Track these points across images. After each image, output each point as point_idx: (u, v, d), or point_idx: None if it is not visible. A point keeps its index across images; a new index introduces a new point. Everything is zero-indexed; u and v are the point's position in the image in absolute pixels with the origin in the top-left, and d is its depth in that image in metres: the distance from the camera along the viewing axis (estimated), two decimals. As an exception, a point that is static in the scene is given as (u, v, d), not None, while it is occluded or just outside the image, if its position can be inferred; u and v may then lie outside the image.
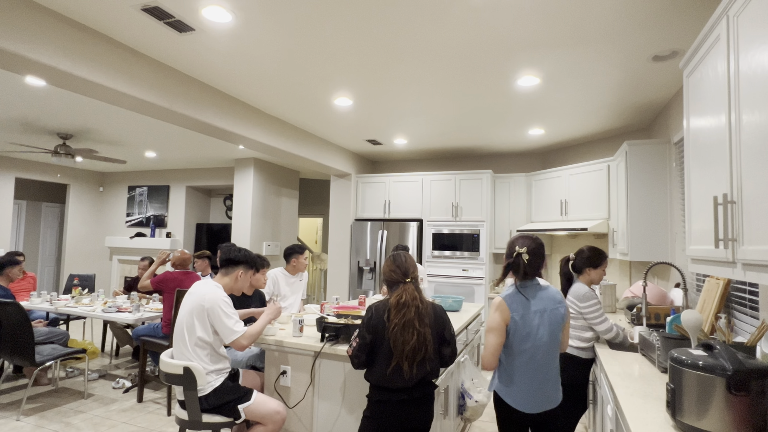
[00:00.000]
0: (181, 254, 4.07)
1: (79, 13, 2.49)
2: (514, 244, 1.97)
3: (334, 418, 2.35)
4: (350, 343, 2.02)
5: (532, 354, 1.87)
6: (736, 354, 1.35)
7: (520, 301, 1.90)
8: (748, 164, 1.32)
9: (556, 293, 1.98)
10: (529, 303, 1.89)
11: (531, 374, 1.87)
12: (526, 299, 1.90)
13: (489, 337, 1.89)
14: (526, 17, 2.39)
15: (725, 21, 1.48)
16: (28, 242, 8.32)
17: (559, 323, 1.92)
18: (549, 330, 1.89)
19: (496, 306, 1.90)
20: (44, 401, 3.79)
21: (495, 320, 1.88)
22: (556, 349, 1.93)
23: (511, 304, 1.89)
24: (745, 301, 2.24)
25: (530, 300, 1.90)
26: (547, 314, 1.90)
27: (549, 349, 1.89)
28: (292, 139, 4.75)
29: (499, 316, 1.88)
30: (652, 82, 3.28)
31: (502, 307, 1.88)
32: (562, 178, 4.87)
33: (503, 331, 1.88)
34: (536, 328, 1.87)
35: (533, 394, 1.87)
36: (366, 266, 5.79)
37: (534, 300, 1.91)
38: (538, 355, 1.87)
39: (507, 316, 1.87)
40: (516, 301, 1.90)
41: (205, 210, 8.37)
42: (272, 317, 2.47)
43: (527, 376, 1.87)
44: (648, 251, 3.56)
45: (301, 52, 2.90)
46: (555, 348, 1.92)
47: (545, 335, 1.88)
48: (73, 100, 4.06)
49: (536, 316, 1.88)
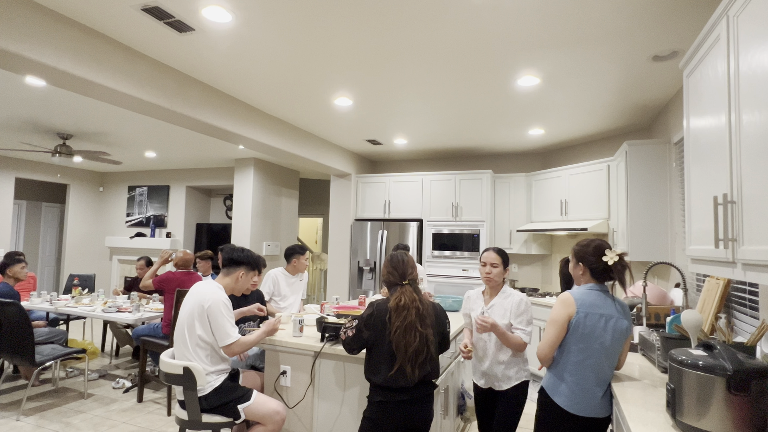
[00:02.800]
0: (184, 254, 4.08)
1: (79, 13, 2.49)
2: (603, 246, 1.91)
3: (334, 418, 2.35)
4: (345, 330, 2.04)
5: (587, 355, 1.81)
6: (736, 354, 1.35)
7: (590, 301, 1.84)
8: (748, 164, 1.31)
9: (623, 305, 1.90)
10: (596, 304, 1.83)
11: (583, 374, 1.81)
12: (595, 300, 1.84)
13: (549, 330, 1.86)
14: (526, 17, 2.39)
15: (725, 21, 1.48)
16: (28, 242, 8.31)
17: (622, 334, 1.83)
18: (611, 337, 1.81)
19: (563, 300, 1.86)
20: (44, 401, 3.79)
21: (558, 313, 1.85)
22: (614, 360, 1.84)
23: (580, 300, 1.84)
24: (745, 301, 2.24)
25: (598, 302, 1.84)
26: (612, 321, 1.82)
27: (606, 356, 1.81)
28: (292, 139, 4.75)
29: (564, 310, 1.84)
30: (652, 82, 3.28)
31: (568, 301, 1.85)
32: (562, 178, 4.87)
33: (564, 326, 1.83)
34: (597, 331, 1.80)
35: (580, 395, 1.81)
36: (366, 266, 5.79)
37: (602, 303, 1.84)
38: (592, 359, 1.81)
39: (572, 311, 1.82)
40: (585, 299, 1.84)
41: (205, 210, 8.37)
42: (268, 334, 2.46)
43: (579, 375, 1.82)
44: (648, 251, 3.55)
45: (301, 52, 2.90)
46: (612, 357, 1.83)
47: (607, 341, 1.80)
48: (73, 100, 4.06)
49: (602, 319, 1.81)
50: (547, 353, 1.87)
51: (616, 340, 1.82)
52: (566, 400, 1.82)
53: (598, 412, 1.81)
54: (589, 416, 1.81)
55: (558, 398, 1.85)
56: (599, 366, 1.81)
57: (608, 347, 1.81)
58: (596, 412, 1.81)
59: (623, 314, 1.86)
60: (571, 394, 1.82)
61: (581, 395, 1.81)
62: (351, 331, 2.03)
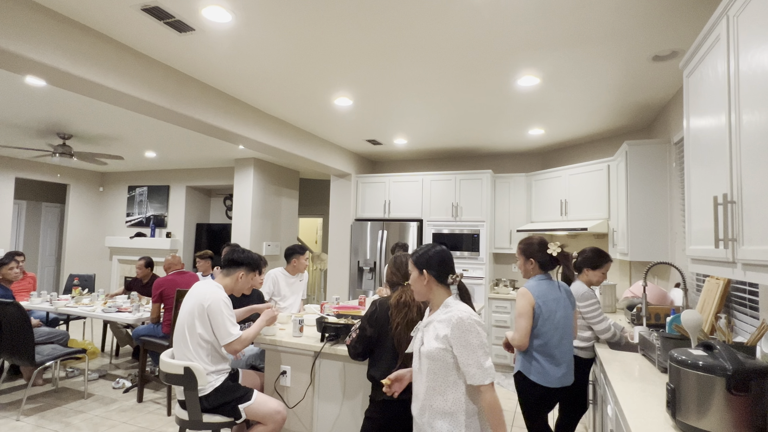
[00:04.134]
0: (173, 258, 4.28)
1: (79, 13, 2.49)
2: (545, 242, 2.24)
3: (334, 417, 2.35)
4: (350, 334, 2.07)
5: (550, 335, 2.13)
6: (736, 354, 1.35)
7: (543, 290, 2.17)
8: (748, 164, 1.32)
9: (565, 287, 2.28)
10: (548, 292, 2.17)
11: (550, 353, 2.12)
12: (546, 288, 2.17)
13: (520, 321, 2.14)
14: (526, 17, 2.39)
15: (725, 21, 1.48)
16: (28, 242, 8.31)
17: (571, 309, 2.24)
18: (564, 315, 2.17)
19: (522, 294, 2.16)
20: (44, 401, 3.79)
21: (524, 306, 2.13)
22: (570, 334, 2.21)
23: (536, 292, 2.15)
24: (745, 301, 2.24)
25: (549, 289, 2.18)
26: (562, 303, 2.19)
27: (564, 333, 2.17)
28: (292, 139, 4.75)
29: (527, 302, 2.13)
30: (652, 82, 3.28)
31: (527, 294, 2.15)
32: (562, 178, 4.87)
33: (531, 315, 2.12)
34: (553, 313, 2.14)
35: (550, 371, 2.12)
36: (366, 266, 5.79)
37: (552, 289, 2.19)
38: (555, 338, 2.13)
39: (533, 302, 2.13)
40: (539, 289, 2.16)
41: (205, 210, 8.37)
42: (267, 323, 2.46)
43: (546, 354, 2.12)
44: (648, 251, 3.56)
45: (301, 52, 2.90)
46: (569, 332, 2.20)
47: (561, 320, 2.16)
48: (73, 100, 4.06)
49: (554, 303, 2.16)
50: (524, 341, 2.13)
51: (569, 317, 2.21)
52: (540, 377, 2.12)
53: (566, 381, 2.16)
54: (560, 387, 2.14)
55: (533, 376, 2.13)
56: (560, 343, 2.15)
57: (564, 325, 2.17)
58: (565, 382, 2.15)
59: (568, 295, 2.25)
60: (543, 370, 2.13)
61: (551, 371, 2.13)
62: (355, 333, 2.04)
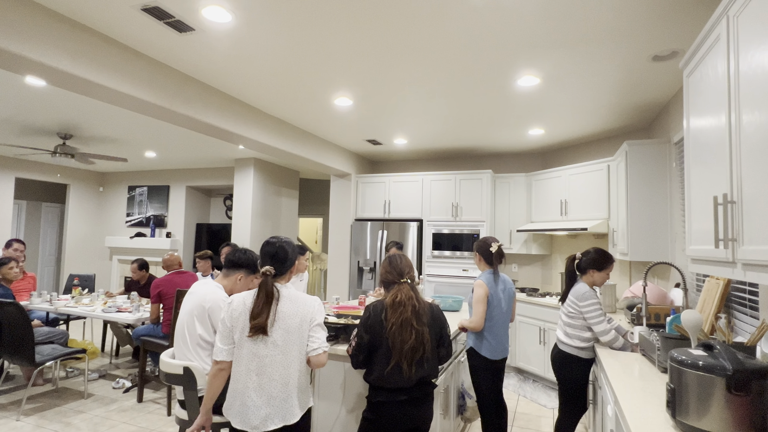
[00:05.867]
0: (171, 257, 4.24)
1: (79, 13, 2.49)
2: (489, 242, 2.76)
3: (334, 418, 2.35)
4: (350, 342, 2.04)
5: (498, 318, 2.69)
6: (736, 354, 1.35)
7: (492, 281, 2.71)
8: (748, 164, 1.32)
9: (505, 278, 2.81)
10: (496, 283, 2.72)
11: (496, 332, 2.68)
12: (494, 280, 2.72)
13: (478, 307, 2.65)
14: (526, 17, 2.39)
15: (725, 21, 1.48)
16: (28, 242, 8.31)
17: (511, 297, 2.79)
18: (506, 302, 2.74)
19: (479, 284, 2.69)
20: (44, 401, 3.79)
21: (480, 294, 2.66)
22: (509, 316, 2.79)
23: (488, 282, 2.69)
24: (745, 301, 2.24)
25: (497, 280, 2.73)
26: (506, 291, 2.75)
27: (506, 316, 2.75)
28: (292, 139, 4.75)
29: (483, 291, 2.67)
30: (652, 82, 3.28)
31: (483, 285, 2.69)
32: (562, 178, 4.87)
33: (486, 301, 2.66)
34: (499, 300, 2.69)
35: (496, 346, 2.69)
36: (366, 266, 5.79)
37: (499, 281, 2.74)
38: (500, 320, 2.70)
39: (487, 290, 2.67)
40: (490, 281, 2.70)
41: (205, 210, 8.37)
42: None
43: (493, 333, 2.68)
44: (648, 251, 3.56)
45: (301, 52, 2.90)
46: (509, 315, 2.78)
47: (505, 305, 2.73)
48: (73, 100, 4.06)
49: (500, 291, 2.71)
50: (481, 323, 2.65)
51: (509, 303, 2.77)
52: (489, 352, 2.67)
53: (504, 353, 2.74)
54: (501, 358, 2.72)
55: (483, 351, 2.67)
56: (504, 324, 2.73)
57: (506, 310, 2.74)
58: (504, 354, 2.74)
59: (508, 284, 2.80)
60: (490, 346, 2.67)
61: (497, 346, 2.69)
62: (354, 341, 2.02)
